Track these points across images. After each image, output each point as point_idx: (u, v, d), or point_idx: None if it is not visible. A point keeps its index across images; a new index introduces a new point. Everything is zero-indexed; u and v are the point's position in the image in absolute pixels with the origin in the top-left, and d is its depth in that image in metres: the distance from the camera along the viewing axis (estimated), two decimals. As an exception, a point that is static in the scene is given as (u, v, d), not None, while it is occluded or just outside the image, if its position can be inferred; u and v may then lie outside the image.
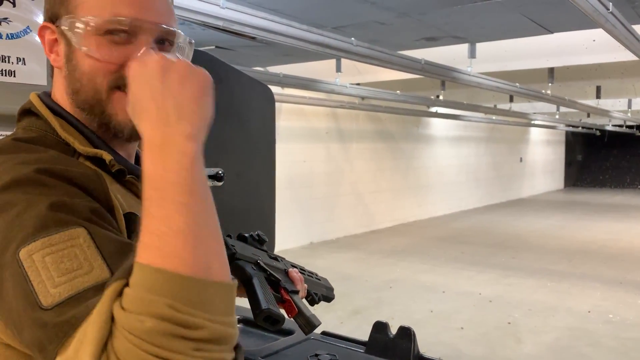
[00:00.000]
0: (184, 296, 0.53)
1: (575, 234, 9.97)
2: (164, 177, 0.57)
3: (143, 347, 0.51)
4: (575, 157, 20.97)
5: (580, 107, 9.16)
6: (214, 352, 0.55)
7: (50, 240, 0.58)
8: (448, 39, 4.91)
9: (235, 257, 0.87)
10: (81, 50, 0.74)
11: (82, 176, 0.67)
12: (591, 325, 5.00)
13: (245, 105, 1.90)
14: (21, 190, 0.62)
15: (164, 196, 0.56)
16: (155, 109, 0.61)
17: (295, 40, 3.40)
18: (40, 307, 0.55)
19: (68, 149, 0.74)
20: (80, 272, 0.57)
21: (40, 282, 0.56)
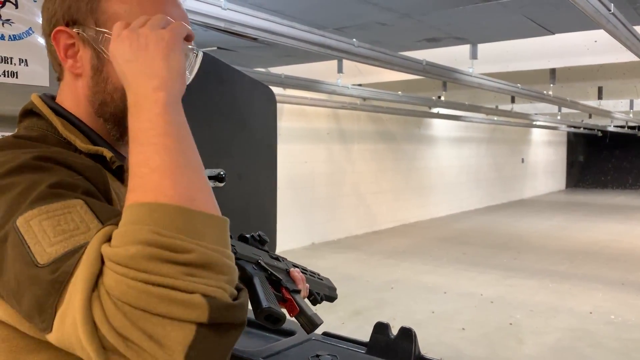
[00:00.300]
0: (167, 222, 0.55)
1: (577, 235, 9.95)
2: (140, 127, 0.62)
3: (130, 275, 0.52)
4: (577, 158, 20.95)
5: (582, 108, 9.15)
6: (209, 279, 0.55)
7: (48, 208, 0.59)
8: (449, 39, 4.91)
9: (236, 257, 0.85)
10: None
11: (82, 166, 0.68)
12: (593, 326, 4.99)
13: (246, 106, 1.90)
14: (23, 174, 0.63)
15: (142, 142, 0.61)
16: (129, 82, 0.66)
17: (296, 41, 3.41)
18: (37, 265, 0.56)
19: (70, 147, 0.75)
20: (76, 232, 0.58)
21: (37, 242, 0.57)
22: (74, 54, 0.76)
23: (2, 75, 1.16)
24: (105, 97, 0.76)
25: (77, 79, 0.78)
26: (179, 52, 0.68)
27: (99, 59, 0.75)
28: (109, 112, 0.77)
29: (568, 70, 6.71)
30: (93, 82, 0.77)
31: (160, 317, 0.52)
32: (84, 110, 0.79)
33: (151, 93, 0.63)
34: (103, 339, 0.52)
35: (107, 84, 0.76)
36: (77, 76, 0.78)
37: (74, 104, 0.79)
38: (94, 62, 0.76)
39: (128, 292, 0.52)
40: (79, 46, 0.76)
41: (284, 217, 8.79)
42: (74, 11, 0.75)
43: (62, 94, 0.81)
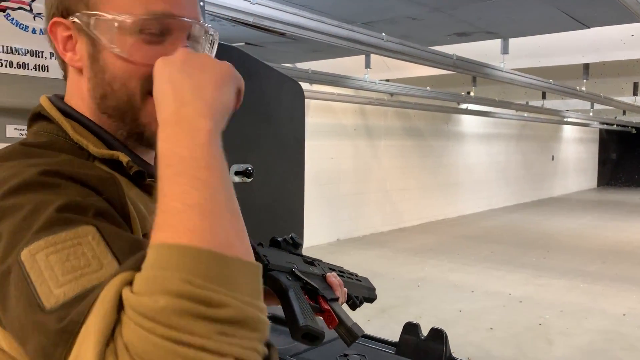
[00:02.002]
0: (202, 270, 0.47)
1: (609, 234, 9.72)
2: (178, 153, 0.54)
3: (158, 332, 0.44)
4: (609, 155, 20.46)
5: (616, 104, 8.92)
6: (243, 338, 0.47)
7: (55, 239, 0.52)
8: (480, 34, 4.82)
9: (269, 268, 0.81)
10: (112, 51, 0.68)
11: (94, 179, 0.61)
12: (626, 328, 4.86)
13: (275, 101, 1.89)
14: (28, 193, 0.57)
15: (178, 172, 0.52)
16: (172, 91, 0.59)
17: (325, 36, 3.38)
18: (42, 309, 0.49)
19: (82, 152, 0.68)
20: (87, 270, 0.51)
21: (43, 282, 0.50)
22: (73, 46, 0.70)
23: (33, 69, 1.16)
24: (105, 89, 0.69)
25: (80, 74, 0.71)
26: (231, 91, 0.62)
27: (94, 45, 0.68)
28: (111, 106, 0.70)
29: (602, 66, 6.53)
30: (92, 73, 0.70)
31: None
32: (88, 108, 0.72)
33: (196, 117, 0.56)
34: None
35: (105, 73, 0.69)
36: (79, 71, 0.71)
37: (80, 103, 0.72)
38: (89, 50, 0.69)
39: (153, 351, 0.44)
40: (76, 37, 0.70)
41: (309, 213, 8.79)
42: (63, 1, 0.69)
43: (68, 93, 0.74)
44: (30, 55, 1.15)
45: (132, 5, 0.67)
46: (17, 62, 1.13)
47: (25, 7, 1.13)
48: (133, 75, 0.68)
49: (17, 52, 1.12)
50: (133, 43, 0.67)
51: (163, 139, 0.56)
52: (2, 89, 1.13)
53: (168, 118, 0.57)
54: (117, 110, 0.70)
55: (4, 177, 0.59)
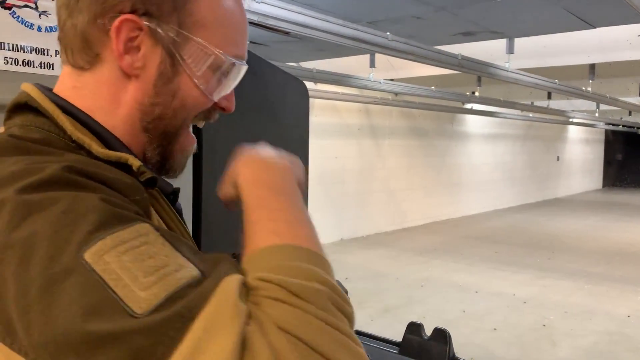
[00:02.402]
0: (327, 270, 0.52)
1: (615, 236, 9.68)
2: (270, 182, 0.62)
3: (312, 311, 0.46)
4: (615, 156, 20.38)
5: (622, 104, 8.89)
6: (354, 339, 0.49)
7: (120, 237, 0.47)
8: (486, 34, 4.80)
9: None
10: (197, 83, 0.64)
11: (121, 183, 0.55)
12: (631, 330, 4.84)
13: (279, 100, 1.89)
14: (57, 189, 0.50)
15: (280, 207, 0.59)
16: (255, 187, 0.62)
17: (330, 35, 3.38)
18: (132, 315, 0.44)
19: (80, 152, 0.59)
20: (169, 270, 0.47)
21: (125, 286, 0.45)
22: (135, 50, 0.62)
23: (38, 67, 1.16)
24: (166, 112, 0.64)
25: (128, 80, 0.63)
26: (299, 187, 0.67)
27: (173, 66, 0.63)
28: (160, 128, 0.65)
29: (608, 66, 6.51)
30: (154, 91, 0.63)
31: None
32: (124, 116, 0.64)
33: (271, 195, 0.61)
34: None
35: (174, 98, 0.64)
36: (128, 76, 0.63)
37: (110, 106, 0.63)
38: (164, 69, 0.63)
39: (308, 328, 0.45)
40: (143, 43, 0.61)
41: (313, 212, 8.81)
42: (154, 2, 0.61)
43: (85, 88, 0.64)
44: (36, 53, 1.15)
45: (225, 44, 0.65)
46: (23, 60, 1.13)
47: (31, 4, 1.13)
48: (199, 108, 0.66)
49: (22, 50, 1.13)
50: (213, 80, 0.65)
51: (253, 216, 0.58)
52: (8, 87, 1.13)
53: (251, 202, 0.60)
54: (162, 132, 0.66)
55: (13, 173, 0.52)
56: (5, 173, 0.52)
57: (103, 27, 0.60)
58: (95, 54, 0.62)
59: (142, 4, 0.60)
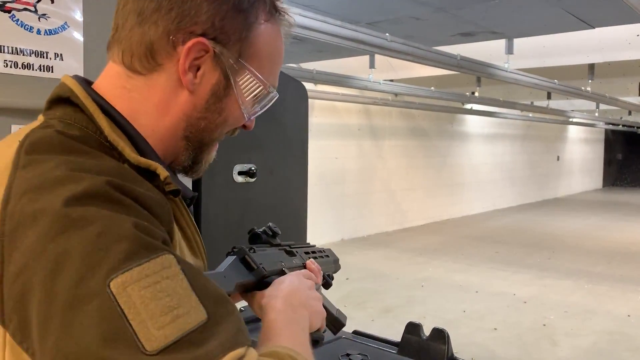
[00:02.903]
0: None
1: (615, 235, 9.68)
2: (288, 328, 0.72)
3: None
4: (615, 155, 20.38)
5: (622, 104, 8.90)
6: None
7: (145, 270, 0.51)
8: (485, 34, 4.81)
9: (264, 277, 0.83)
10: (241, 105, 0.72)
11: (152, 200, 0.60)
12: (631, 329, 4.84)
13: (278, 101, 1.89)
14: (97, 206, 0.54)
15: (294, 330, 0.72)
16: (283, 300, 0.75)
17: (329, 36, 3.38)
18: (144, 352, 0.48)
19: (112, 153, 0.64)
20: (181, 311, 0.51)
21: (141, 322, 0.49)
22: (194, 67, 0.67)
23: (37, 70, 1.17)
24: (210, 125, 0.71)
25: (181, 91, 0.68)
26: (313, 295, 0.82)
27: (226, 88, 0.70)
28: (199, 139, 0.72)
29: (607, 66, 6.51)
30: (204, 107, 0.70)
31: None
32: (169, 123, 0.69)
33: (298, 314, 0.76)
34: None
35: (220, 114, 0.71)
36: (183, 89, 0.68)
37: (158, 111, 0.69)
38: (217, 89, 0.69)
39: None
40: (205, 63, 0.68)
41: (313, 213, 8.78)
42: (225, 30, 0.67)
43: (136, 91, 0.68)
44: (35, 56, 1.16)
45: (269, 75, 0.73)
46: (22, 63, 1.14)
47: (31, 8, 1.14)
48: (235, 125, 0.75)
49: (22, 53, 1.13)
50: (253, 104, 0.74)
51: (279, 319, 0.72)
52: (7, 90, 1.14)
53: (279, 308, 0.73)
54: (200, 141, 0.72)
55: (58, 177, 0.55)
56: (49, 177, 0.56)
57: (173, 43, 0.66)
58: (158, 64, 0.67)
59: (214, 30, 0.67)
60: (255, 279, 0.79)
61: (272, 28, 0.73)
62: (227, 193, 1.67)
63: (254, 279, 0.79)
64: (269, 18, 0.72)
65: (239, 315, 0.58)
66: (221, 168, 1.65)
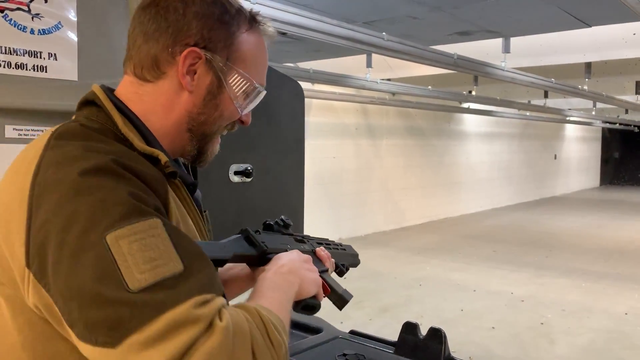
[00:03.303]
0: (286, 325, 0.77)
1: (612, 234, 9.70)
2: (272, 286, 0.84)
3: (262, 329, 0.70)
4: (612, 154, 20.41)
5: (618, 103, 8.90)
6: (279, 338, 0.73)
7: (135, 228, 0.65)
8: (482, 33, 4.81)
9: (267, 253, 0.92)
10: (234, 101, 0.87)
11: (148, 175, 0.74)
12: (628, 327, 4.85)
13: (275, 101, 1.89)
14: (102, 177, 0.68)
15: (274, 289, 0.84)
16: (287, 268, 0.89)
17: (325, 36, 3.38)
18: (127, 289, 0.62)
19: (126, 144, 0.79)
20: (160, 262, 0.65)
21: (128, 267, 0.63)
22: (192, 72, 0.83)
23: (31, 70, 1.16)
24: (208, 119, 0.86)
25: (182, 92, 0.84)
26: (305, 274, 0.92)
27: (219, 87, 0.85)
28: (201, 130, 0.87)
29: (604, 64, 6.52)
30: (202, 104, 0.85)
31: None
32: (175, 119, 0.85)
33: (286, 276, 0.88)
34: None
35: (216, 109, 0.86)
36: (184, 90, 0.84)
37: (164, 110, 0.85)
38: (211, 89, 0.85)
39: (253, 335, 0.68)
40: (200, 68, 0.83)
41: (311, 213, 8.73)
42: (212, 39, 0.83)
43: (147, 96, 0.85)
44: (29, 56, 1.15)
45: (255, 75, 0.88)
46: (16, 63, 1.13)
47: (24, 7, 1.13)
48: (231, 119, 0.89)
49: (15, 53, 1.13)
50: (245, 100, 0.88)
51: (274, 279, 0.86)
52: (1, 90, 1.13)
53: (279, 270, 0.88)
54: (202, 134, 0.88)
55: (75, 156, 0.71)
56: (71, 155, 0.71)
57: (172, 54, 0.83)
58: (162, 72, 0.84)
59: (203, 40, 0.83)
60: (257, 253, 0.91)
61: (254, 36, 0.88)
62: (223, 193, 1.67)
63: (255, 253, 0.91)
64: (250, 28, 0.88)
65: (214, 271, 0.71)
66: (217, 168, 1.64)
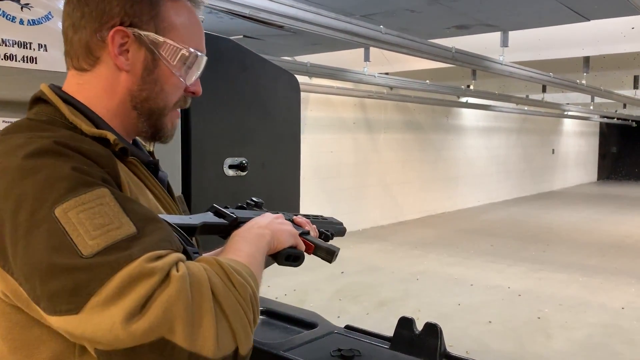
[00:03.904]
0: (252, 273, 0.78)
1: (609, 228, 9.71)
2: (244, 239, 0.86)
3: (222, 275, 0.71)
4: (609, 149, 20.42)
5: (617, 97, 8.89)
6: (245, 297, 0.73)
7: (82, 199, 0.67)
8: (480, 27, 4.78)
9: (238, 221, 0.93)
10: (174, 72, 0.87)
11: (94, 153, 0.75)
12: (625, 322, 4.86)
13: (270, 94, 1.87)
14: (45, 158, 0.70)
15: (244, 241, 0.86)
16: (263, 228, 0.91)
17: (322, 29, 3.35)
18: (81, 256, 0.64)
19: (76, 131, 0.80)
20: (112, 227, 0.67)
21: (79, 235, 0.65)
22: (125, 52, 0.84)
23: (21, 61, 1.14)
24: (150, 94, 0.87)
25: (120, 73, 0.85)
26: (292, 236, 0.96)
27: (154, 61, 0.85)
28: (146, 107, 0.87)
29: (602, 59, 6.50)
30: (141, 80, 0.86)
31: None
32: (118, 100, 0.86)
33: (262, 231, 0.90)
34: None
35: (155, 84, 0.86)
36: (120, 71, 0.85)
37: (107, 94, 0.86)
38: (147, 64, 0.85)
39: (215, 280, 0.70)
40: (131, 46, 0.84)
41: (309, 207, 8.71)
42: (136, 15, 0.83)
43: (87, 84, 0.86)
44: (18, 47, 1.13)
45: (189, 41, 0.88)
46: (5, 54, 1.11)
47: (13, -3, 1.11)
48: (176, 92, 0.89)
49: (4, 44, 1.11)
50: (184, 69, 0.88)
51: (244, 235, 0.88)
52: (-10, 81, 1.11)
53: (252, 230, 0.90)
54: (150, 110, 0.88)
55: (19, 144, 0.73)
56: (15, 143, 0.74)
57: (101, 37, 0.83)
58: (96, 58, 0.84)
59: (127, 17, 0.83)
60: (227, 222, 0.92)
61: (179, 3, 0.88)
62: (217, 187, 1.65)
63: (226, 222, 0.92)
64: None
65: (170, 232, 0.73)
66: (212, 162, 1.63)
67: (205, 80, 0.96)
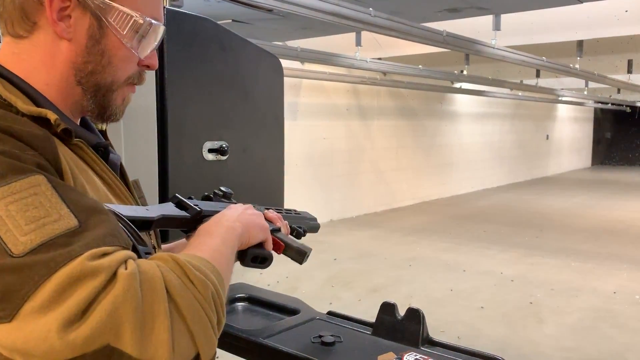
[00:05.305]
0: (212, 269, 0.70)
1: (603, 213, 9.73)
2: (211, 233, 0.79)
3: (178, 272, 0.64)
4: (604, 134, 20.44)
5: (611, 82, 8.85)
6: (206, 297, 0.66)
7: (11, 189, 0.59)
8: (471, 10, 4.73)
9: (202, 215, 0.85)
10: (124, 42, 0.77)
11: (28, 134, 0.65)
12: (617, 306, 4.86)
13: (251, 75, 1.82)
14: None
15: (210, 236, 0.79)
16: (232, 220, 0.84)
17: (311, 11, 3.29)
18: (10, 255, 0.56)
19: (10, 109, 0.69)
20: (48, 220, 0.58)
21: (8, 230, 0.57)
22: (67, 17, 0.73)
23: None
24: (96, 67, 0.77)
25: (61, 42, 0.75)
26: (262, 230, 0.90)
27: (101, 29, 0.75)
28: (92, 82, 0.78)
29: (596, 43, 6.46)
30: (86, 51, 0.76)
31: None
32: (59, 74, 0.76)
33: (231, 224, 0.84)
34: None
35: (102, 56, 0.76)
36: (61, 39, 0.74)
37: (45, 66, 0.75)
38: (92, 32, 0.75)
39: (170, 278, 0.63)
40: (74, 11, 0.73)
41: (302, 194, 8.67)
42: None
43: (24, 53, 0.75)
44: None
45: (143, 8, 0.77)
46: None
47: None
48: (127, 65, 0.79)
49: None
50: (136, 39, 0.78)
51: (210, 229, 0.81)
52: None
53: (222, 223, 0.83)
54: (96, 86, 0.78)
55: None
56: None
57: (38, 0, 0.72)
58: (33, 23, 0.73)
59: None
60: (190, 216, 0.84)
61: None
62: (196, 171, 1.61)
63: (188, 215, 0.84)
64: None
65: (117, 225, 0.65)
66: (190, 146, 1.58)
67: (182, 61, 0.91)
